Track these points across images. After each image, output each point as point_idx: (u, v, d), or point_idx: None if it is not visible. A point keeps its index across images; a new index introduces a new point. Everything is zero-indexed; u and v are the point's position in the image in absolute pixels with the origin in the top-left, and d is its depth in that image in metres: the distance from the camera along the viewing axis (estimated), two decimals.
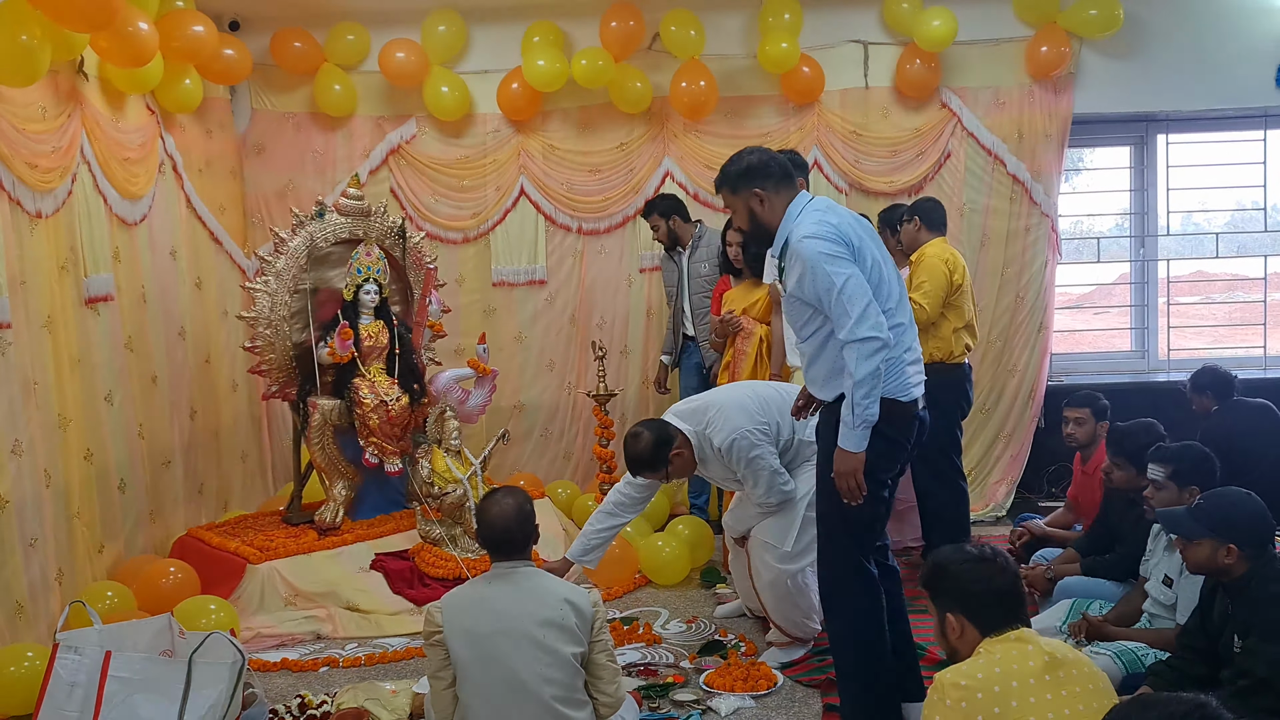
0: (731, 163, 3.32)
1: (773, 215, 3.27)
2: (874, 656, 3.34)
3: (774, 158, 3.30)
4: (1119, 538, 4.25)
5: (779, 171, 3.27)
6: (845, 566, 3.33)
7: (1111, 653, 3.50)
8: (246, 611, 4.64)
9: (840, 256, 3.11)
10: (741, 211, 3.33)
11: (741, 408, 4.05)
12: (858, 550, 3.33)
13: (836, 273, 3.09)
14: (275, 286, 5.08)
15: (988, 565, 2.48)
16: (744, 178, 3.27)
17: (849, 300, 3.08)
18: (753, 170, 3.26)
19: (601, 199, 6.46)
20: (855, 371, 3.08)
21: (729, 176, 3.31)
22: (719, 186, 3.38)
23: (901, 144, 6.28)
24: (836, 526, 3.33)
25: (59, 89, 4.60)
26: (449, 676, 2.96)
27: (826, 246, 3.12)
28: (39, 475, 4.38)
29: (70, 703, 3.26)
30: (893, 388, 3.19)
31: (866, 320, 3.07)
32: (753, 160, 3.28)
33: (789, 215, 3.25)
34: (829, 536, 3.38)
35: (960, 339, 4.92)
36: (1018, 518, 5.58)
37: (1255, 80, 6.23)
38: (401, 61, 6.16)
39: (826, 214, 3.21)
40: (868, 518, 3.31)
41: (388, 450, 5.18)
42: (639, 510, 4.27)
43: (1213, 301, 7.43)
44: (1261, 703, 2.86)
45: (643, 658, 4.24)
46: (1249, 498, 3.10)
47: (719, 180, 3.36)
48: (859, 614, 3.33)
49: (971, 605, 2.46)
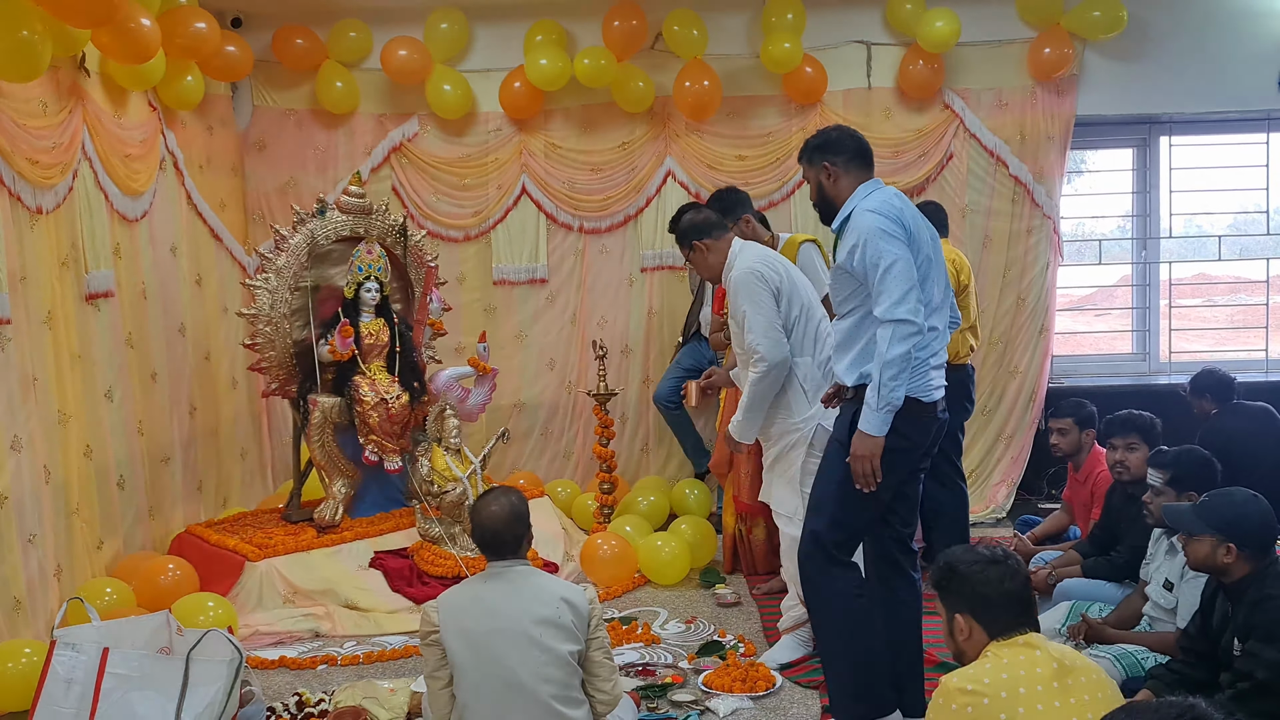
0: (814, 136, 3.45)
1: (838, 191, 3.35)
2: (858, 648, 3.35)
3: (853, 137, 3.40)
4: (1118, 537, 4.25)
5: (852, 151, 3.36)
6: (821, 554, 3.36)
7: (1111, 656, 3.49)
8: (245, 609, 4.63)
9: (895, 236, 3.16)
10: (812, 183, 3.43)
11: (763, 259, 4.04)
12: (832, 542, 3.34)
13: (888, 250, 3.13)
14: (276, 284, 5.08)
15: (999, 567, 2.47)
16: (819, 150, 3.39)
17: (895, 279, 3.11)
18: (829, 144, 3.38)
19: (603, 198, 6.45)
20: (887, 352, 3.09)
21: (807, 148, 3.44)
22: (800, 158, 3.48)
23: (904, 145, 6.28)
24: (823, 513, 3.36)
25: (60, 85, 4.60)
26: (446, 676, 2.95)
27: (885, 224, 3.17)
28: (38, 471, 4.38)
29: (67, 699, 3.26)
30: (916, 387, 3.19)
31: (906, 302, 3.10)
32: (832, 135, 3.41)
33: (857, 194, 3.31)
34: (813, 518, 3.40)
35: (965, 340, 4.92)
36: (1018, 520, 5.58)
37: (1258, 83, 6.21)
38: (404, 59, 6.16)
39: (894, 198, 3.28)
40: (858, 511, 3.31)
41: (387, 448, 5.18)
42: None
43: (1215, 304, 7.42)
44: (1261, 706, 2.85)
45: (641, 658, 4.24)
46: (1254, 499, 3.09)
47: (800, 152, 3.48)
48: (839, 603, 3.35)
49: (981, 607, 2.45)
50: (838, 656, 3.42)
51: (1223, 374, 5.39)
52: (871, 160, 3.40)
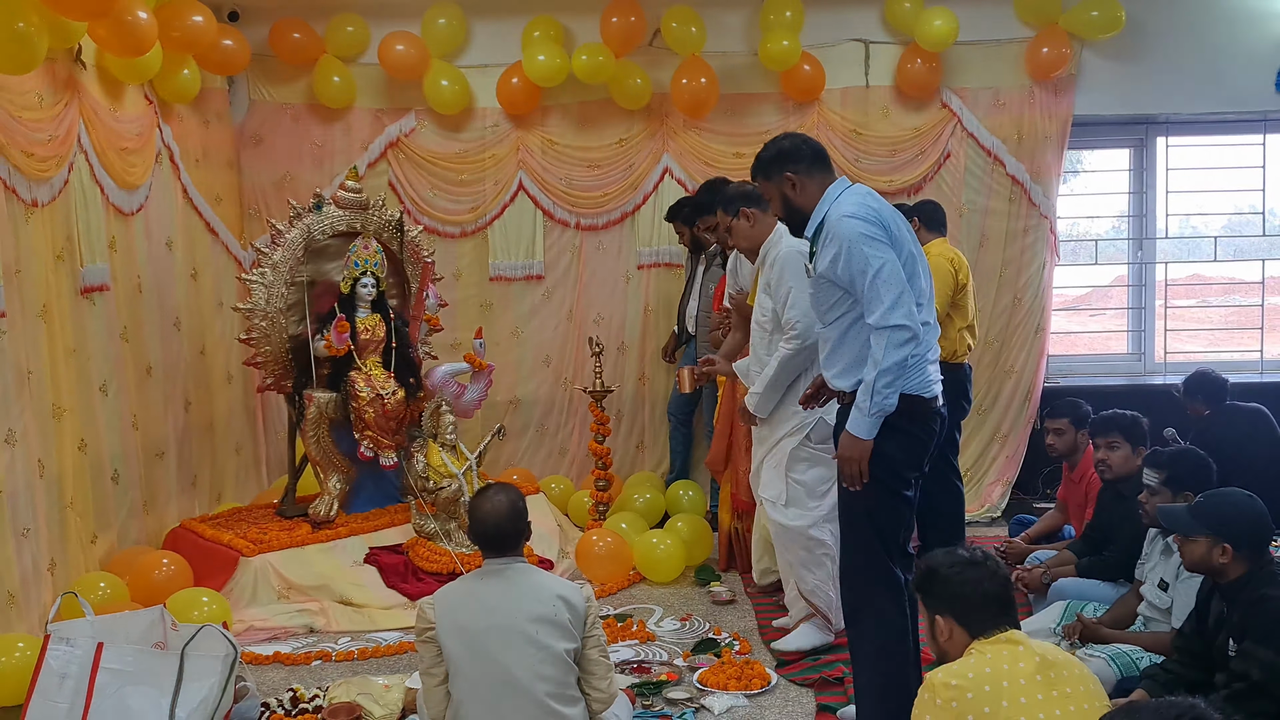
0: (765, 149, 3.33)
1: (806, 199, 3.25)
2: (894, 667, 3.23)
3: (807, 141, 3.31)
4: (1111, 537, 4.25)
5: (811, 155, 3.26)
6: (869, 568, 3.24)
7: (1106, 655, 3.49)
8: (239, 604, 4.62)
9: (879, 240, 3.09)
10: (776, 198, 3.32)
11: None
12: (883, 549, 3.22)
13: (874, 255, 3.06)
14: (272, 279, 5.06)
15: (978, 569, 2.49)
16: (776, 162, 3.27)
17: (884, 285, 3.05)
18: (784, 154, 3.27)
19: (600, 195, 6.44)
20: (882, 359, 3.04)
21: (762, 163, 3.32)
22: (754, 175, 3.40)
23: (901, 143, 6.28)
24: (862, 527, 3.24)
25: (56, 77, 4.58)
26: (441, 673, 2.95)
27: (866, 228, 3.09)
28: (32, 465, 4.36)
29: (61, 694, 3.25)
30: (916, 384, 3.16)
31: (900, 308, 3.04)
32: (785, 145, 3.29)
33: (827, 197, 3.23)
34: (853, 532, 3.28)
35: (963, 339, 4.93)
36: (1012, 519, 5.59)
37: (1255, 84, 6.23)
38: (401, 54, 6.14)
39: (868, 198, 3.20)
40: (893, 518, 3.24)
41: (383, 444, 5.17)
42: None
43: (1210, 305, 7.43)
44: (1256, 706, 2.86)
45: (636, 655, 4.24)
46: (1250, 500, 3.10)
47: (753, 169, 3.38)
48: (880, 621, 3.23)
49: (961, 608, 2.47)
50: (871, 673, 3.29)
51: (1215, 376, 5.39)
52: (829, 160, 3.31)
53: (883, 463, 3.16)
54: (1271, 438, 5.25)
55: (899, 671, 3.23)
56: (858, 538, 3.26)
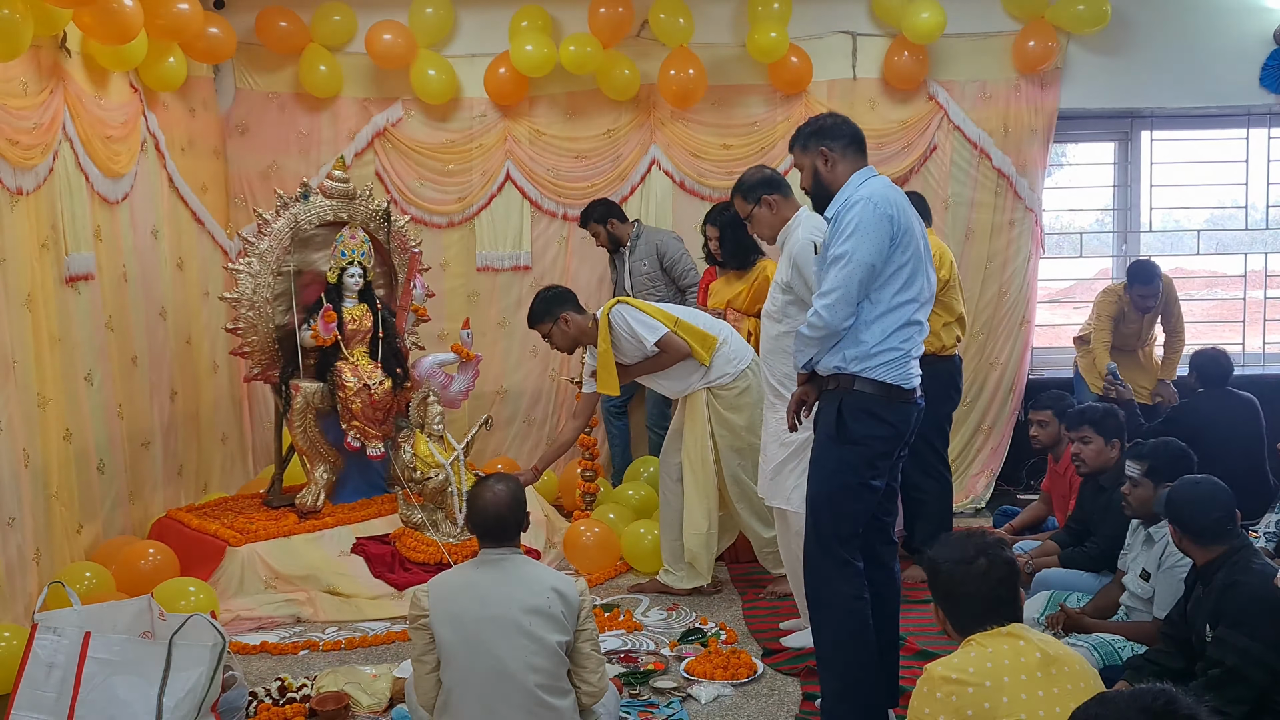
0: (807, 123, 3.42)
1: (834, 177, 3.32)
2: (855, 649, 3.31)
3: (848, 123, 3.39)
4: (1093, 528, 4.29)
5: (848, 137, 3.34)
6: (827, 555, 3.31)
7: (1089, 645, 3.53)
8: (226, 594, 4.62)
9: (879, 234, 3.14)
10: (807, 169, 3.38)
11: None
12: (835, 536, 3.29)
13: (860, 246, 3.12)
14: (258, 268, 5.05)
15: (979, 563, 2.44)
16: (815, 135, 3.35)
17: (846, 277, 3.13)
18: (824, 130, 3.35)
19: (588, 185, 6.44)
20: (802, 329, 3.27)
21: (801, 134, 3.40)
22: (791, 145, 3.45)
23: (888, 136, 6.29)
24: (823, 510, 3.31)
25: (41, 65, 4.55)
26: (432, 660, 2.95)
27: (875, 215, 3.15)
28: (17, 454, 4.35)
29: (48, 683, 3.24)
30: (899, 375, 3.22)
31: (839, 307, 3.15)
32: (826, 121, 3.38)
33: (852, 181, 3.29)
34: (814, 518, 3.35)
35: (951, 332, 4.93)
36: (997, 510, 5.63)
37: (1239, 79, 6.27)
38: (388, 43, 6.12)
39: (889, 190, 3.26)
40: (855, 504, 3.30)
41: (370, 434, 5.17)
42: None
43: (1191, 298, 7.48)
44: (1233, 693, 2.90)
45: (623, 645, 4.26)
46: (1199, 485, 3.19)
47: (792, 139, 3.44)
48: (840, 604, 3.30)
49: (950, 605, 2.47)
50: (832, 658, 3.37)
51: (1220, 358, 5.40)
52: (865, 148, 3.38)
53: (856, 448, 3.24)
54: (1253, 429, 5.30)
55: (857, 648, 3.31)
56: (817, 523, 3.33)
